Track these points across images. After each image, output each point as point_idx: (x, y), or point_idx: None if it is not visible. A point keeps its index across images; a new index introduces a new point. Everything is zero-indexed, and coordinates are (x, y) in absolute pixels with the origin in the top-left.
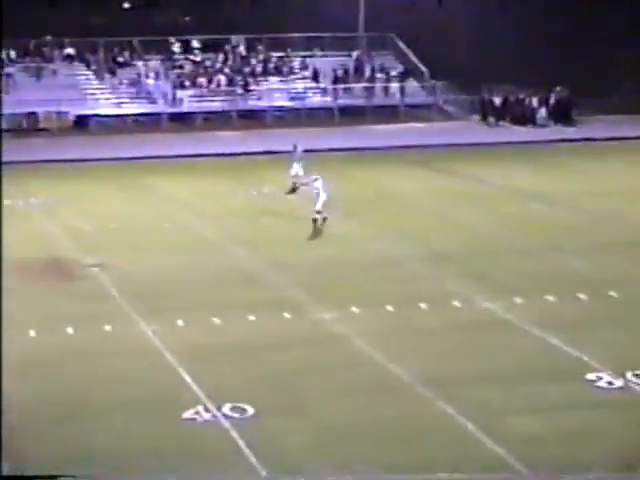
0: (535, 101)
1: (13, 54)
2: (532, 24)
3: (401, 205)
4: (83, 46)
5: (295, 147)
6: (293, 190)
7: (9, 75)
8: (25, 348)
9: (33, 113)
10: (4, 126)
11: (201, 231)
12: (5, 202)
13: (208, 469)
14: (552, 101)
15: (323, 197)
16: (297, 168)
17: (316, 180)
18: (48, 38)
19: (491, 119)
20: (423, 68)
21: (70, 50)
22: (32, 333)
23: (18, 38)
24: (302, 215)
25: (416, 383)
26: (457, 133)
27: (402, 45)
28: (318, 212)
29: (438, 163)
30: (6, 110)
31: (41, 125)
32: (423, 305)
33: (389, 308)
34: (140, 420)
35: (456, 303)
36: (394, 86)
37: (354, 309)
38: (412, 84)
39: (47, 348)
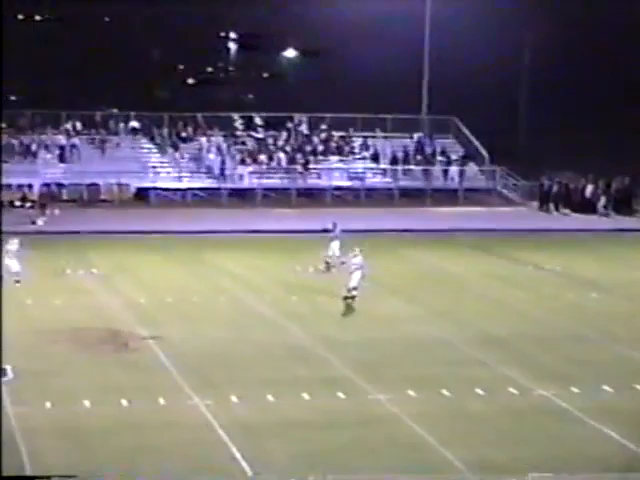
0: (595, 189)
1: (79, 125)
2: (593, 112)
3: (455, 288)
4: (148, 120)
5: (334, 226)
6: (328, 267)
7: (74, 146)
8: (78, 418)
9: (95, 184)
10: (66, 196)
11: (256, 307)
12: (66, 271)
13: None
14: (613, 190)
15: (358, 275)
16: (334, 248)
17: (356, 256)
18: (114, 111)
19: (550, 206)
20: (484, 152)
21: (135, 123)
22: (87, 403)
23: (85, 110)
24: (357, 294)
25: (466, 469)
26: (516, 219)
27: (464, 129)
28: (353, 289)
29: (495, 248)
30: (69, 180)
31: (102, 196)
32: (479, 390)
33: (444, 392)
34: None
35: (511, 389)
36: (454, 169)
37: (409, 391)
38: (472, 168)
39: (100, 419)
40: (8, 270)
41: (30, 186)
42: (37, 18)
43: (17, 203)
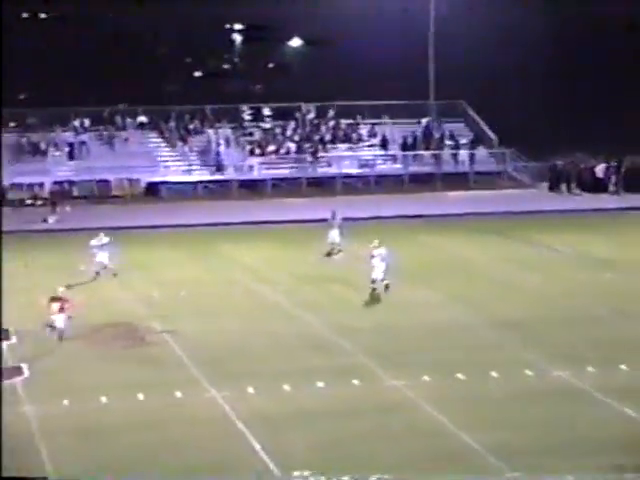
0: (606, 169)
1: (87, 122)
2: (604, 93)
3: (469, 272)
4: (155, 114)
5: (334, 214)
6: (329, 255)
7: (83, 143)
8: (96, 414)
9: (105, 180)
10: (77, 193)
11: (270, 297)
12: (80, 268)
13: None
14: (623, 169)
15: (382, 266)
16: (334, 235)
17: (377, 247)
18: (121, 106)
19: (562, 187)
20: (492, 135)
21: (143, 118)
22: (104, 399)
23: (92, 106)
24: (368, 282)
25: (486, 452)
26: (527, 200)
27: (472, 112)
28: (374, 281)
29: (508, 230)
30: (79, 177)
31: (113, 192)
32: (494, 373)
33: (460, 376)
34: None
35: (528, 371)
36: (463, 153)
37: (425, 377)
38: (482, 151)
39: (118, 414)
40: (101, 264)
41: (41, 184)
42: (42, 16)
43: (28, 202)
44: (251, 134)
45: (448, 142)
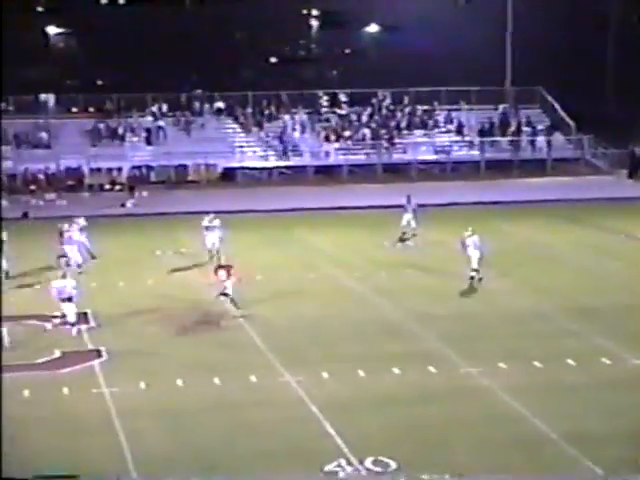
0: None
1: (164, 107)
2: None
3: (546, 259)
4: (232, 100)
5: (409, 198)
6: (402, 240)
7: (160, 128)
8: (172, 397)
9: (183, 165)
10: (154, 178)
11: (345, 282)
12: (156, 252)
13: None
14: None
15: (477, 254)
16: (408, 218)
17: (470, 236)
18: (198, 92)
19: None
20: (570, 121)
21: (219, 104)
22: (179, 382)
23: (169, 92)
24: (446, 268)
25: (562, 440)
26: (605, 187)
27: (550, 98)
28: (475, 270)
29: (585, 217)
30: (157, 162)
31: (190, 177)
32: (571, 361)
33: (536, 364)
34: (282, 472)
35: (605, 360)
36: (540, 140)
37: (501, 364)
38: (559, 138)
39: (194, 398)
40: (211, 245)
41: (119, 169)
42: (120, 1)
43: (106, 186)
44: (327, 120)
45: (525, 128)
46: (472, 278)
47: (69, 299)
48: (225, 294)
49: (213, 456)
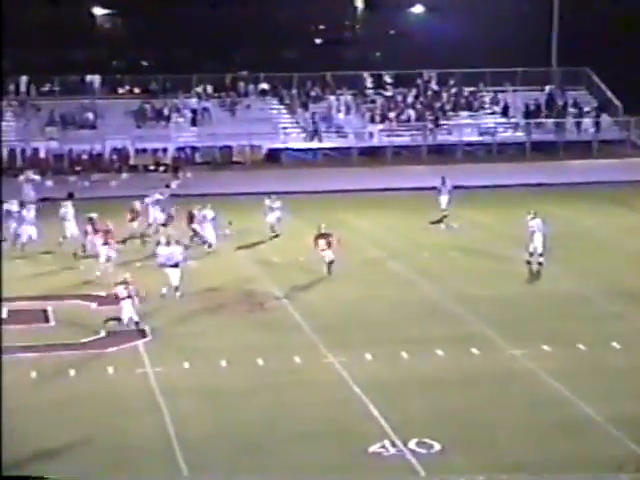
0: None
1: (209, 88)
2: None
3: (592, 242)
4: (276, 81)
5: (444, 180)
6: (439, 221)
7: (205, 109)
8: (216, 377)
9: (227, 146)
10: (199, 159)
11: (389, 264)
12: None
13: None
14: None
15: (539, 237)
16: (444, 201)
17: (533, 218)
18: (243, 73)
19: None
20: (617, 103)
21: (264, 85)
22: (223, 363)
23: (215, 73)
24: (490, 250)
25: (607, 423)
26: None
27: (596, 79)
28: (531, 254)
29: (632, 200)
30: (202, 143)
31: (235, 158)
32: (615, 344)
33: (581, 347)
34: (326, 452)
35: None
36: (587, 121)
37: (545, 347)
38: (605, 119)
39: (237, 378)
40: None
41: (164, 150)
42: None
43: (151, 167)
44: (373, 101)
45: (571, 110)
46: (531, 263)
47: (176, 265)
48: (332, 261)
49: (256, 436)
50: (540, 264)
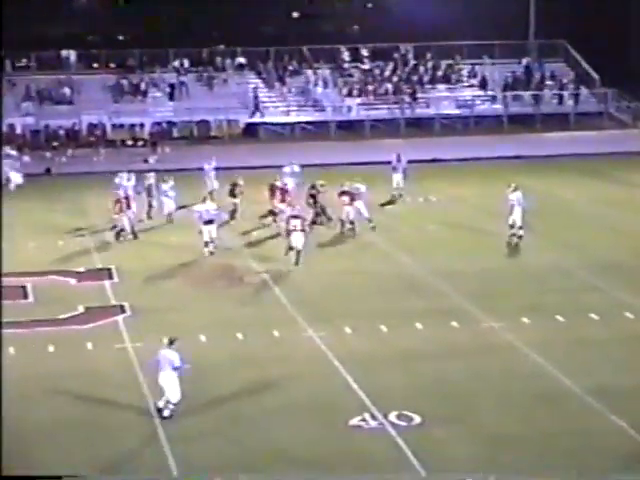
0: None
1: (187, 63)
2: None
3: (570, 214)
4: (254, 55)
5: (399, 157)
6: (390, 202)
7: (182, 83)
8: (195, 352)
9: (205, 121)
10: (177, 134)
11: (367, 238)
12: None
13: (373, 476)
14: None
15: (519, 211)
16: (398, 179)
17: (513, 192)
18: (220, 47)
19: None
20: (595, 75)
21: (241, 59)
22: (202, 338)
23: (192, 48)
24: (468, 223)
25: (586, 394)
26: (629, 141)
27: (573, 52)
28: (511, 226)
29: (609, 172)
30: (179, 118)
31: (212, 133)
32: (594, 316)
33: (559, 318)
34: (307, 425)
35: (628, 314)
36: (565, 94)
37: (524, 319)
38: (583, 92)
39: (217, 353)
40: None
41: (141, 125)
42: None
43: (129, 142)
44: (350, 75)
45: (549, 82)
46: (513, 235)
47: (210, 221)
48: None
49: (236, 410)
50: (520, 237)
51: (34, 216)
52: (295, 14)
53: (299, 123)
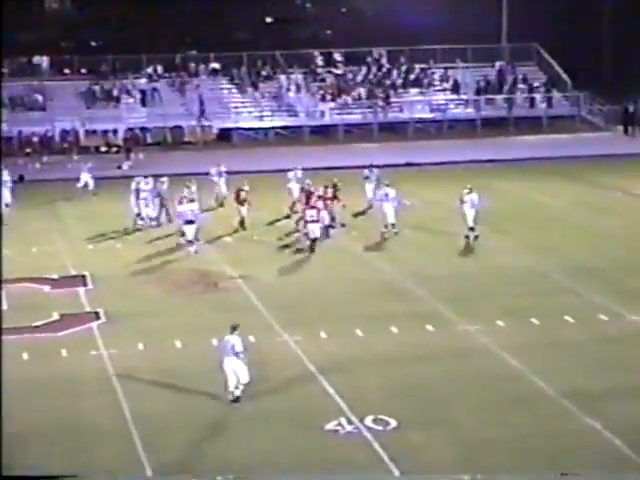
0: None
1: (159, 68)
2: None
3: (544, 217)
4: (227, 60)
5: (371, 168)
6: (363, 213)
7: (155, 89)
8: (170, 358)
9: (178, 127)
10: (150, 140)
11: (342, 242)
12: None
13: (350, 478)
14: None
15: (472, 212)
16: (369, 190)
17: (469, 193)
18: (193, 53)
19: (636, 130)
20: (567, 78)
21: (215, 64)
22: (178, 344)
23: (164, 53)
24: (443, 227)
25: (560, 397)
26: (601, 144)
27: (546, 55)
28: (470, 229)
29: (582, 174)
30: (152, 124)
31: (186, 138)
32: (569, 318)
33: (534, 321)
34: (283, 430)
35: (603, 317)
36: (537, 97)
37: (499, 322)
38: (555, 95)
39: (192, 359)
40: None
41: (115, 131)
42: None
43: (102, 148)
44: (323, 80)
45: (521, 86)
46: (467, 237)
47: (191, 222)
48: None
49: (211, 416)
50: (476, 237)
51: (7, 223)
52: (268, 19)
53: (273, 128)
